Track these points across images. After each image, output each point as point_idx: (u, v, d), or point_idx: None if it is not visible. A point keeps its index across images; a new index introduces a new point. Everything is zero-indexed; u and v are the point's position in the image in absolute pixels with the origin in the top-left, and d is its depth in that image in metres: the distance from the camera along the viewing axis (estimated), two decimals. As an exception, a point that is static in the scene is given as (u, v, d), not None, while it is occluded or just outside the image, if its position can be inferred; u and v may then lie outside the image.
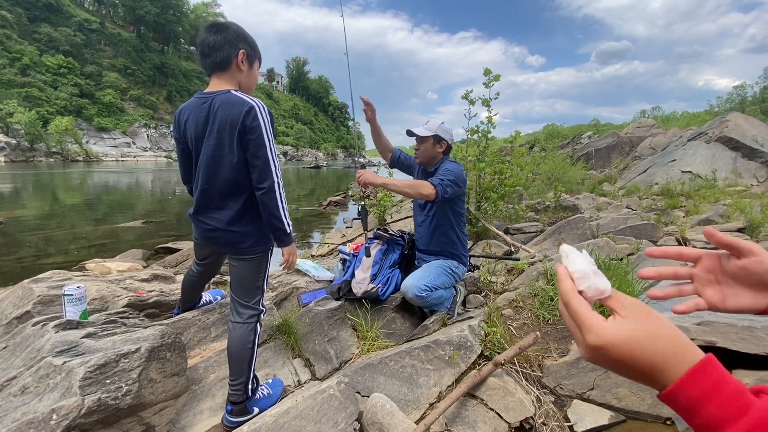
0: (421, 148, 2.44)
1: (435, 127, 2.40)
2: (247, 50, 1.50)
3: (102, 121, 46.31)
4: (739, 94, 39.23)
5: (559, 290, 0.45)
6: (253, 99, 1.44)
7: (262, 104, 1.44)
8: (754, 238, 4.61)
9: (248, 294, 1.59)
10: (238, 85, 1.53)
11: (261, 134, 1.40)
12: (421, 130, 2.39)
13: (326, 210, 9.68)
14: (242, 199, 1.51)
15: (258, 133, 1.39)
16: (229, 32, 1.47)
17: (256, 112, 1.39)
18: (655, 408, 1.75)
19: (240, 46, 1.48)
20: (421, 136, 2.39)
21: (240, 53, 1.48)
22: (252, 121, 1.39)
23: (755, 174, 11.19)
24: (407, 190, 2.18)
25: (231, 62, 1.48)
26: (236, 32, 1.48)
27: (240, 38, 1.49)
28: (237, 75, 1.51)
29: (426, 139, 2.40)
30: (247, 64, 1.52)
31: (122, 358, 1.43)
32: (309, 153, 79.54)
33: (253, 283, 1.59)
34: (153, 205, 10.62)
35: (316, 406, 1.47)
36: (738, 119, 13.25)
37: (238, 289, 1.60)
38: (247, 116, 1.38)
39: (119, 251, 4.84)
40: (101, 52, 52.50)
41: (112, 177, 20.60)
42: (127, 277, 2.43)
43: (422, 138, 2.40)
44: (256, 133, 1.39)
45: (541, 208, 7.02)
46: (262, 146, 1.41)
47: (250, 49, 1.52)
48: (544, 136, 28.64)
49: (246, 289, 1.59)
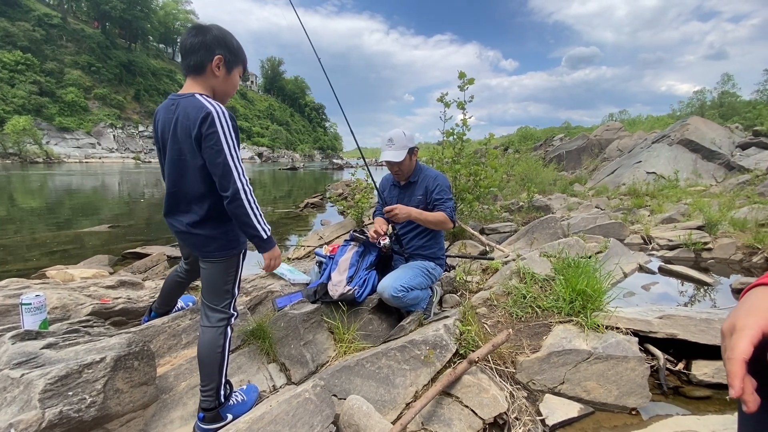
0: (401, 169, 2.47)
1: (404, 143, 2.40)
2: (225, 56, 1.45)
3: (64, 121, 43.92)
4: (699, 99, 41.49)
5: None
6: (213, 104, 1.37)
7: (222, 109, 1.37)
8: (712, 234, 4.88)
9: (217, 297, 1.55)
10: (211, 90, 1.48)
11: (218, 140, 1.34)
12: (395, 155, 2.39)
13: (303, 212, 9.57)
14: (207, 203, 1.47)
15: (215, 140, 1.34)
16: (207, 36, 1.42)
17: (213, 117, 1.34)
18: (621, 399, 1.82)
19: (217, 51, 1.43)
20: (398, 161, 2.39)
21: (215, 59, 1.43)
22: (208, 128, 1.33)
23: (714, 174, 11.87)
24: (434, 227, 2.47)
25: (205, 67, 1.44)
26: (216, 36, 1.43)
27: (218, 43, 1.44)
28: (211, 80, 1.47)
29: (403, 160, 2.41)
30: (224, 70, 1.47)
31: (86, 368, 1.37)
32: (285, 154, 78.35)
33: (221, 286, 1.55)
34: (120, 209, 10.18)
35: (291, 411, 1.46)
36: (698, 123, 14.03)
37: (207, 292, 1.56)
38: (203, 123, 1.33)
39: (84, 257, 4.61)
40: (63, 49, 49.89)
41: (75, 179, 19.63)
42: (92, 284, 2.33)
43: (401, 161, 2.41)
44: (212, 139, 1.34)
45: (515, 209, 7.20)
46: (220, 152, 1.35)
47: (229, 55, 1.47)
48: (518, 139, 29.38)
49: (215, 293, 1.55)
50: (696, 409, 1.84)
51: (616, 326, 2.12)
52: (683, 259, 4.51)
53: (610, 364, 1.89)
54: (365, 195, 6.00)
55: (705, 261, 4.45)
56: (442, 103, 4.99)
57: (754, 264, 4.20)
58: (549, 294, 2.48)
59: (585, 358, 1.92)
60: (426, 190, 2.46)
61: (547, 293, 2.50)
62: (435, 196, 2.43)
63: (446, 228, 2.49)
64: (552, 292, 2.47)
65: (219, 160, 1.35)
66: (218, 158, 1.35)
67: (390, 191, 2.67)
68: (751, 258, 4.29)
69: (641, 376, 1.85)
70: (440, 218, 2.37)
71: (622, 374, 1.86)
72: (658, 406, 1.87)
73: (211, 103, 1.38)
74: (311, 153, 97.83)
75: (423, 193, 2.47)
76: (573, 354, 1.94)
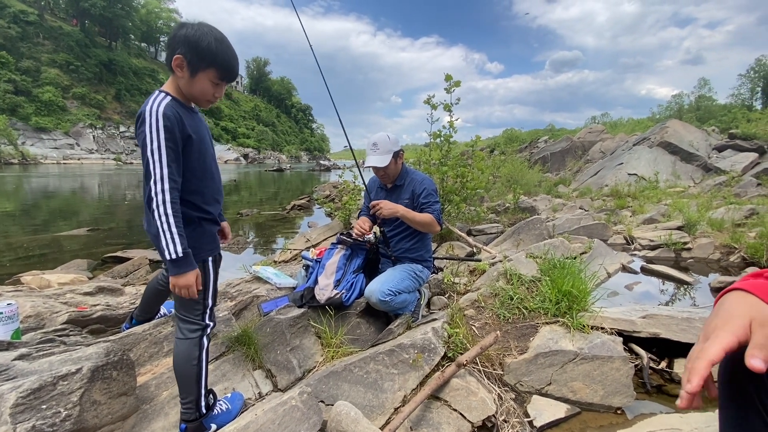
0: (387, 173, 2.46)
1: (388, 147, 2.39)
2: (186, 56, 1.35)
3: (41, 121, 42.50)
4: (677, 103, 42.76)
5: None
6: (150, 102, 1.31)
7: (157, 108, 1.29)
8: (691, 234, 5.02)
9: (187, 308, 1.48)
10: (178, 89, 1.42)
11: (144, 140, 1.28)
12: (379, 159, 2.38)
13: (290, 214, 9.47)
14: None
15: (142, 139, 1.28)
16: (177, 33, 1.35)
17: (144, 117, 1.28)
18: (607, 399, 1.84)
19: (177, 50, 1.34)
20: (384, 166, 2.38)
21: (174, 58, 1.35)
22: (139, 127, 1.30)
23: (692, 176, 12.23)
24: (420, 228, 2.43)
25: (171, 65, 1.38)
26: (184, 35, 1.34)
27: (182, 42, 1.34)
28: (178, 79, 1.40)
29: (388, 165, 2.40)
30: (186, 71, 1.37)
31: (60, 380, 1.31)
32: (271, 155, 77.59)
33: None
34: (100, 212, 9.90)
35: (277, 419, 1.42)
36: (676, 126, 14.45)
37: (177, 302, 1.49)
38: (137, 122, 1.31)
39: (61, 262, 4.46)
40: (40, 47, 48.35)
41: (53, 181, 19.02)
42: (68, 290, 2.25)
43: (387, 166, 2.40)
44: (140, 139, 1.29)
45: (502, 210, 7.26)
46: (144, 153, 1.28)
47: (191, 56, 1.36)
48: (504, 140, 29.71)
49: (184, 303, 1.47)
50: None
51: (601, 326, 2.15)
52: (664, 258, 4.62)
53: (595, 364, 1.91)
54: (353, 197, 5.97)
55: (685, 260, 4.56)
56: (429, 105, 5.00)
57: (731, 263, 4.32)
58: (535, 295, 2.50)
59: (571, 359, 1.94)
60: (413, 194, 2.46)
61: (533, 294, 2.52)
62: (422, 199, 2.42)
63: (433, 231, 2.49)
64: (538, 293, 2.49)
65: (144, 160, 1.29)
66: (143, 158, 1.29)
67: (377, 194, 2.66)
68: (729, 257, 4.42)
69: (626, 376, 1.88)
70: (427, 220, 2.37)
71: (608, 374, 1.88)
72: (643, 404, 1.90)
73: (154, 100, 1.32)
74: (298, 154, 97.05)
75: (410, 196, 2.46)
76: (559, 355, 1.95)
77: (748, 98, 46.47)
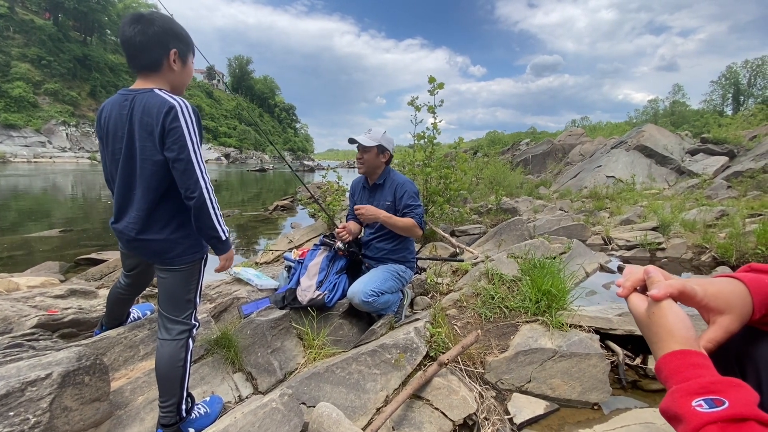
0: (365, 158, 2.45)
1: (379, 137, 2.41)
2: (179, 48, 1.38)
3: (10, 118, 40.67)
4: (653, 107, 44.26)
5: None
6: (176, 98, 1.31)
7: (186, 103, 1.31)
8: (665, 235, 5.19)
9: (178, 308, 1.46)
10: (169, 85, 1.41)
11: (182, 135, 1.27)
12: (365, 139, 2.39)
13: (272, 215, 9.35)
14: (167, 204, 1.38)
15: (179, 134, 1.27)
16: (156, 29, 1.32)
17: (176, 111, 1.27)
18: (584, 395, 1.89)
19: (171, 45, 1.36)
20: (365, 145, 2.39)
21: (171, 53, 1.36)
22: (171, 122, 1.26)
23: (666, 179, 12.67)
24: (402, 233, 2.43)
25: (162, 64, 1.36)
26: (164, 29, 1.34)
27: (170, 35, 1.36)
28: (168, 75, 1.39)
29: (370, 149, 2.40)
30: (179, 62, 1.40)
31: (29, 386, 1.26)
32: (254, 155, 76.43)
33: (183, 296, 1.46)
34: (74, 212, 9.54)
35: (257, 422, 1.40)
36: (652, 130, 14.93)
37: (166, 303, 1.46)
38: (166, 117, 1.26)
39: (31, 264, 4.28)
40: (9, 40, 46.34)
41: (23, 180, 18.25)
42: (38, 293, 2.16)
43: (366, 147, 2.40)
44: (176, 134, 1.27)
45: (484, 211, 7.35)
46: (184, 148, 1.28)
47: (182, 45, 1.40)
48: (487, 143, 30.17)
49: (175, 303, 1.46)
50: (653, 401, 1.93)
51: (579, 324, 2.20)
52: (640, 258, 4.76)
53: (573, 361, 1.95)
54: (337, 197, 5.94)
55: (659, 260, 4.72)
56: (413, 107, 5.03)
57: (703, 262, 4.49)
58: (516, 294, 2.54)
59: (550, 357, 1.97)
60: (395, 196, 2.46)
61: (514, 294, 2.56)
62: (404, 202, 2.42)
63: (414, 235, 2.49)
64: (519, 293, 2.54)
65: (183, 156, 1.28)
66: (182, 153, 1.28)
67: (360, 194, 2.65)
68: (700, 257, 4.59)
69: (602, 372, 1.93)
70: (409, 224, 2.38)
71: (585, 371, 1.93)
72: (618, 400, 1.95)
73: (173, 97, 1.31)
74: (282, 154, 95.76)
75: (392, 198, 2.46)
76: (539, 353, 1.99)
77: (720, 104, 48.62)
